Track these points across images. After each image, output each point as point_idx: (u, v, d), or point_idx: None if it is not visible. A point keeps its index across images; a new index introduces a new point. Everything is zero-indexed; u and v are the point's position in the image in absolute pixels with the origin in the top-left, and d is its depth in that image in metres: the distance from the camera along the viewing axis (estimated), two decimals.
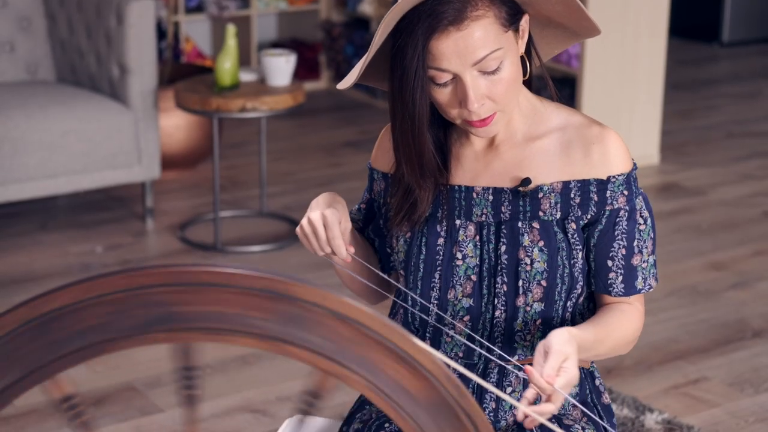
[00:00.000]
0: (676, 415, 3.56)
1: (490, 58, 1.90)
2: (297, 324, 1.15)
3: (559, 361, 1.80)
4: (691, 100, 7.41)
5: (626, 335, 2.04)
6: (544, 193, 2.01)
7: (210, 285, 1.13)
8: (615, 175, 2.01)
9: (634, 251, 2.02)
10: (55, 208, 5.36)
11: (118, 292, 1.14)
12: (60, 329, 1.14)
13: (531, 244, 2.00)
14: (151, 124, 5.03)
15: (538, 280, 2.00)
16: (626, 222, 2.01)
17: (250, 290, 1.14)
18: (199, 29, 7.33)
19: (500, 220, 2.03)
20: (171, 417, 3.56)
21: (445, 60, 1.89)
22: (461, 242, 2.03)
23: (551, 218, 2.01)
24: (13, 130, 4.73)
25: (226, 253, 4.87)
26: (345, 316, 1.14)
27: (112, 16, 5.00)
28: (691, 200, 5.56)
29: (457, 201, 2.05)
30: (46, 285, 4.41)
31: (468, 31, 1.87)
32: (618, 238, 2.01)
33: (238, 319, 1.15)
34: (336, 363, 1.16)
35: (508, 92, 1.94)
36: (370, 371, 1.16)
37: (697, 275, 4.66)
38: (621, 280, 2.03)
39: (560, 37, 2.08)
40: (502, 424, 2.06)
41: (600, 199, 2.01)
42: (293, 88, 4.90)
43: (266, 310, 1.14)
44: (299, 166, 6.01)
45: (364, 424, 2.09)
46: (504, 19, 1.91)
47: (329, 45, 7.50)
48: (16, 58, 5.38)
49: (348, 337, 1.15)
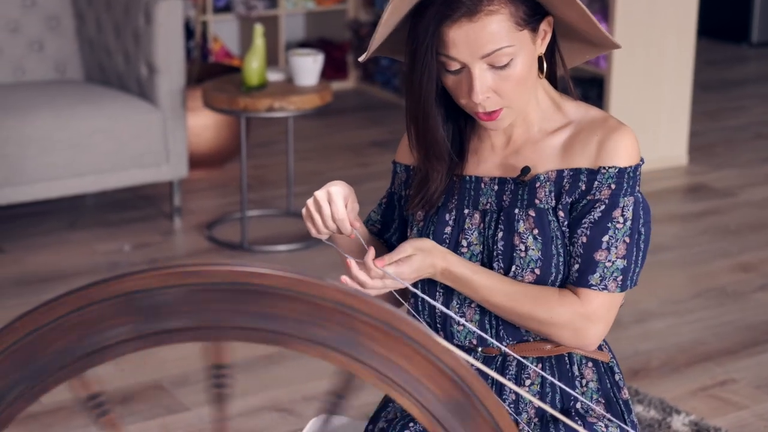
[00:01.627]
0: (703, 417, 3.54)
1: (499, 54, 1.91)
2: (313, 320, 1.15)
3: (397, 254, 1.95)
4: (719, 101, 7.38)
5: (534, 312, 1.98)
6: (540, 182, 2.02)
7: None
8: (606, 167, 1.99)
9: (600, 246, 1.98)
10: (83, 207, 5.39)
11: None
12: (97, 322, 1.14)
13: (525, 231, 2.00)
14: (179, 123, 5.04)
15: (531, 267, 1.99)
16: (599, 214, 1.98)
17: (269, 288, 1.14)
18: (227, 29, 7.35)
19: (501, 207, 2.04)
20: (197, 415, 3.57)
21: (454, 49, 1.91)
22: (467, 230, 2.05)
23: (546, 206, 2.01)
24: (41, 129, 4.75)
25: (253, 252, 4.87)
26: (364, 312, 1.14)
27: (141, 16, 5.02)
28: (719, 201, 5.53)
29: (467, 191, 2.08)
30: (74, 283, 4.42)
31: (480, 24, 1.89)
32: (583, 226, 1.99)
33: (256, 318, 1.15)
34: (354, 359, 1.16)
35: (516, 89, 1.95)
36: (390, 368, 1.16)
37: (725, 276, 4.63)
38: (576, 268, 1.99)
39: (584, 47, 2.09)
40: (524, 417, 2.06)
41: (586, 188, 2.00)
42: (320, 87, 4.91)
43: (283, 308, 1.14)
44: (326, 165, 6.01)
45: (389, 423, 2.10)
46: (520, 18, 1.92)
47: (357, 44, 7.50)
48: (44, 58, 5.41)
49: (367, 333, 1.15)
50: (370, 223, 2.24)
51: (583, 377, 2.08)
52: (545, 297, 1.99)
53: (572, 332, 2.00)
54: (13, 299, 4.36)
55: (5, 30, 5.32)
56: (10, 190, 4.74)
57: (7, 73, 5.33)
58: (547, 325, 1.99)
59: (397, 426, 2.08)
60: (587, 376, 2.08)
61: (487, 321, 2.05)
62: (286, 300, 1.13)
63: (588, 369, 2.09)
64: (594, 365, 2.09)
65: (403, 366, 1.15)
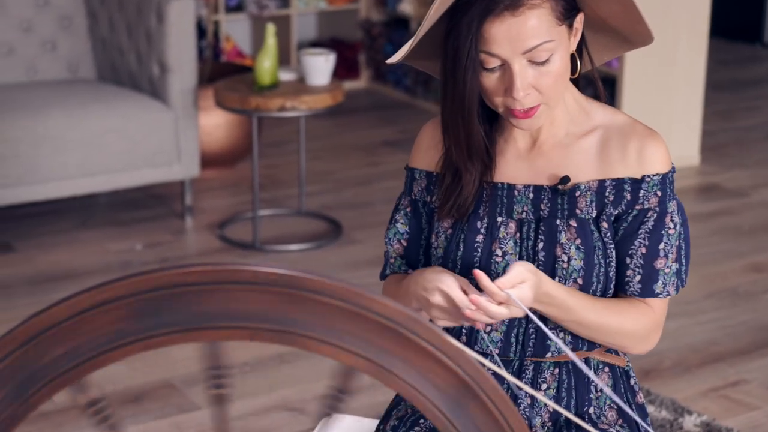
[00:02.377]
0: (714, 418, 3.54)
1: (540, 49, 1.89)
2: (326, 319, 1.15)
3: (515, 278, 1.85)
4: (732, 101, 7.36)
5: (623, 325, 1.99)
6: (580, 192, 2.01)
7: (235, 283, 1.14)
8: (650, 175, 2.00)
9: (659, 254, 2.00)
10: (95, 206, 5.40)
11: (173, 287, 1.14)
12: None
13: (568, 241, 1.99)
14: (191, 122, 5.05)
15: (574, 277, 1.99)
16: (653, 223, 1.99)
17: (274, 286, 1.14)
18: (239, 28, 7.36)
19: (539, 217, 2.02)
20: (209, 414, 3.57)
21: (496, 45, 1.89)
22: (502, 239, 2.03)
23: (587, 216, 2.00)
24: (53, 129, 4.76)
25: (265, 252, 4.88)
26: (380, 313, 1.14)
27: (153, 15, 5.03)
28: (731, 202, 5.52)
29: (500, 198, 2.05)
30: (86, 282, 4.43)
31: (522, 18, 1.87)
32: (640, 237, 1.99)
33: (264, 315, 1.15)
34: (364, 359, 1.16)
35: (554, 85, 1.94)
36: (400, 367, 1.16)
37: (738, 277, 4.63)
38: (638, 279, 2.01)
39: (612, 43, 2.07)
40: (537, 421, 2.05)
41: (632, 198, 2.00)
42: (332, 87, 4.91)
43: (295, 310, 1.14)
44: (338, 165, 6.02)
45: (400, 421, 2.10)
46: (560, 12, 1.91)
47: (369, 44, 7.50)
48: (57, 57, 5.42)
49: (380, 334, 1.15)
50: (397, 237, 2.16)
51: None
52: (627, 309, 2.00)
53: (645, 341, 2.03)
54: (25, 298, 4.37)
55: (18, 30, 5.33)
56: (22, 189, 4.75)
57: (20, 72, 5.34)
58: (629, 337, 2.01)
59: (408, 423, 2.08)
60: (603, 381, 2.08)
61: (513, 334, 2.04)
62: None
63: (604, 374, 2.09)
64: (610, 370, 2.09)
65: (411, 363, 1.15)
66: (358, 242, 4.95)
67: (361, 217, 5.24)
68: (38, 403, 1.15)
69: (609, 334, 2.00)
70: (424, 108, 7.05)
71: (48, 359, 1.14)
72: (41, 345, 1.13)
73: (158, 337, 1.14)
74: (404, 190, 2.18)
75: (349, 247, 4.91)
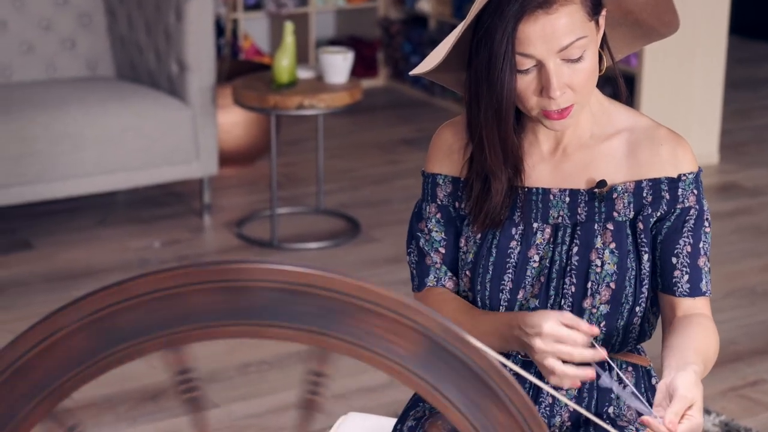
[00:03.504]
0: (733, 418, 3.53)
1: (574, 46, 1.89)
2: (343, 318, 1.15)
3: (683, 407, 1.71)
4: (750, 100, 7.34)
5: (714, 352, 1.98)
6: (618, 194, 2.00)
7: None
8: (686, 173, 2.00)
9: (701, 252, 2.00)
10: (113, 204, 5.41)
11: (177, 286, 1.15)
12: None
13: (603, 245, 1.99)
14: (209, 120, 5.06)
15: (607, 282, 1.99)
16: (695, 221, 2.00)
17: (309, 287, 1.14)
18: (257, 26, 7.37)
19: (576, 221, 2.02)
20: (227, 412, 3.58)
21: (531, 45, 1.88)
22: (538, 245, 2.02)
23: (625, 219, 2.00)
24: (72, 126, 4.77)
25: (283, 250, 4.88)
26: (399, 312, 1.14)
27: (172, 13, 5.04)
28: (750, 200, 5.50)
29: (534, 203, 2.04)
30: (105, 280, 4.44)
31: (556, 16, 1.86)
32: (685, 236, 1.99)
33: (288, 316, 1.15)
34: (382, 357, 1.16)
35: (588, 83, 1.93)
36: (419, 366, 1.16)
37: (756, 276, 4.61)
38: (687, 279, 2.00)
39: (629, 37, 2.07)
40: (557, 420, 2.05)
41: (671, 197, 2.00)
42: (351, 85, 4.91)
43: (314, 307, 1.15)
44: (356, 163, 6.02)
45: (418, 421, 2.09)
46: (589, 7, 1.90)
47: (387, 42, 7.50)
48: (76, 55, 5.43)
49: (398, 332, 1.15)
50: (435, 247, 2.10)
51: (621, 382, 2.07)
52: (703, 334, 1.94)
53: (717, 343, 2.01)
54: (43, 295, 4.39)
55: (38, 27, 5.34)
56: (41, 187, 4.76)
57: (39, 70, 5.36)
58: (717, 353, 2.00)
59: (425, 424, 2.07)
60: (626, 381, 2.08)
61: None
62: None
63: (627, 374, 2.08)
64: (634, 369, 2.09)
65: (429, 361, 1.15)
66: (376, 240, 4.95)
67: (379, 216, 5.24)
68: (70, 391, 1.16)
69: (712, 362, 1.97)
70: (443, 106, 7.05)
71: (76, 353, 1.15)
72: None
73: (205, 330, 1.16)
74: (424, 197, 2.13)
75: (367, 245, 4.91)
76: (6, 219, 5.16)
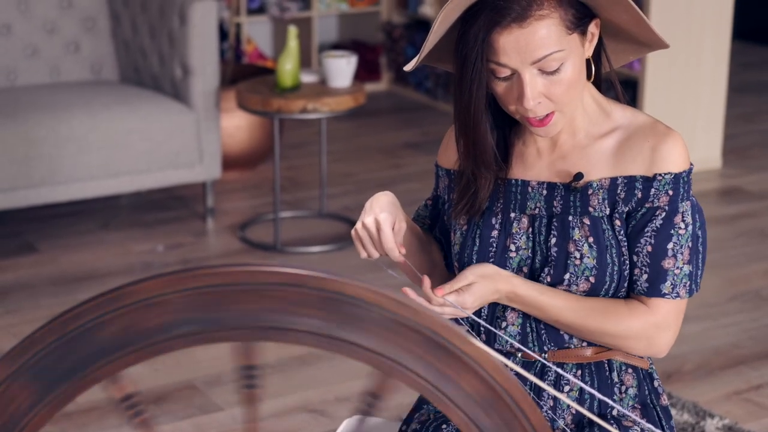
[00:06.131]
0: (737, 421, 3.52)
1: (550, 59, 1.89)
2: (351, 321, 1.16)
3: (460, 284, 1.94)
4: (754, 104, 7.34)
5: (603, 326, 1.99)
6: (593, 190, 2.01)
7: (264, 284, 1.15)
8: (662, 174, 1.98)
9: (667, 254, 1.98)
10: (117, 207, 5.41)
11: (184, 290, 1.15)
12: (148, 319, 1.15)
13: (581, 238, 1.99)
14: (213, 124, 5.06)
15: (586, 276, 1.99)
16: (661, 221, 1.98)
17: (308, 289, 1.14)
18: (260, 30, 7.37)
19: (552, 213, 2.03)
20: (231, 415, 3.58)
21: (504, 55, 1.89)
22: (514, 234, 2.04)
23: (601, 214, 2.00)
24: (77, 130, 4.78)
25: (286, 254, 4.88)
26: (400, 315, 1.14)
27: (176, 17, 5.04)
28: (754, 204, 5.50)
29: (513, 194, 2.06)
30: (109, 283, 4.45)
31: (530, 30, 1.87)
32: (646, 235, 1.98)
33: (287, 318, 1.15)
34: (388, 359, 1.16)
35: (567, 94, 1.93)
36: (424, 369, 1.16)
37: (761, 280, 4.61)
38: (645, 278, 1.99)
39: (631, 47, 2.07)
40: (560, 423, 2.05)
41: (643, 196, 1.99)
42: (354, 89, 4.91)
43: (322, 311, 1.15)
44: (359, 167, 6.02)
45: (422, 425, 2.10)
46: (569, 21, 1.90)
47: (390, 46, 7.51)
48: (80, 58, 5.44)
49: (403, 334, 1.15)
50: (420, 219, 2.25)
51: (622, 383, 2.07)
52: (614, 310, 1.99)
53: (645, 342, 2.01)
54: (48, 298, 4.39)
55: (42, 31, 5.35)
56: (45, 190, 4.77)
57: (43, 73, 5.37)
58: (618, 338, 2.00)
59: (430, 428, 2.08)
60: (627, 383, 2.08)
61: (528, 325, 2.04)
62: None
63: (628, 375, 2.08)
64: (634, 371, 2.09)
65: (434, 365, 1.15)
66: None
67: None
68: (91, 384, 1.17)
69: (594, 333, 2.00)
70: (445, 110, 7.05)
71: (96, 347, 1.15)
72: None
73: (220, 332, 1.15)
74: (434, 185, 2.23)
75: None
76: (11, 222, 5.16)
